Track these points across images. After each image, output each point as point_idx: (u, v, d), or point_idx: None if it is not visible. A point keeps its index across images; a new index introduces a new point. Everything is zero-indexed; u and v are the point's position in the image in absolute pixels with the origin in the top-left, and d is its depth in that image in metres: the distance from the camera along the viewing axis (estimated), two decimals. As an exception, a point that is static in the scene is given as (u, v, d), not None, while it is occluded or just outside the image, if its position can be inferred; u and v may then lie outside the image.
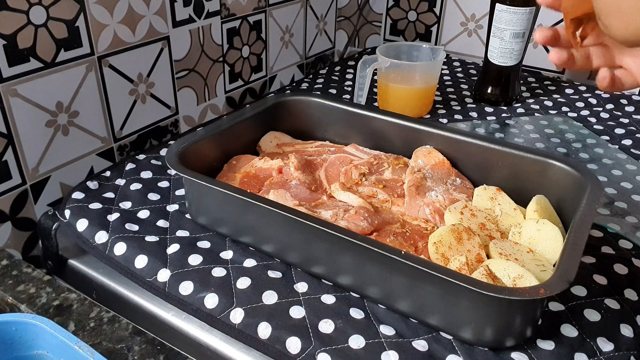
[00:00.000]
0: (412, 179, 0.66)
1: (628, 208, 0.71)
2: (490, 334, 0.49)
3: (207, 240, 0.62)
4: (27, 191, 0.72)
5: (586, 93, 1.06)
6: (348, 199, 0.65)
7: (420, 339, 0.50)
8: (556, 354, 0.49)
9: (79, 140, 0.77)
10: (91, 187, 0.70)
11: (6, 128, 0.67)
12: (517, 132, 0.91)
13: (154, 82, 0.86)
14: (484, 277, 0.50)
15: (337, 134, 0.79)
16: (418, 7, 1.25)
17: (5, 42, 0.64)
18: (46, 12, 0.68)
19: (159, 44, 0.84)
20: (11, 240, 0.72)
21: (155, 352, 0.45)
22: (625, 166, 0.81)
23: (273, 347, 0.50)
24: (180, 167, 0.60)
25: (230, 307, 0.53)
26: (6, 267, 0.54)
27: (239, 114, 0.74)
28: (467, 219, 0.59)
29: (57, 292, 0.51)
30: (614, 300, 0.55)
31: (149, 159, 0.77)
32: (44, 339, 0.42)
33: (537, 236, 0.56)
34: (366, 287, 0.54)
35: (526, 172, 0.65)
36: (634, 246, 0.63)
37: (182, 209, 0.67)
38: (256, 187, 0.67)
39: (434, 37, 1.26)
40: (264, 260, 0.59)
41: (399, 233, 0.59)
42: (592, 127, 0.93)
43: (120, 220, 0.63)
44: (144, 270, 0.58)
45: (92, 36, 0.74)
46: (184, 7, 0.87)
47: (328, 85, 1.08)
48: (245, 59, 1.04)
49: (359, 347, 0.49)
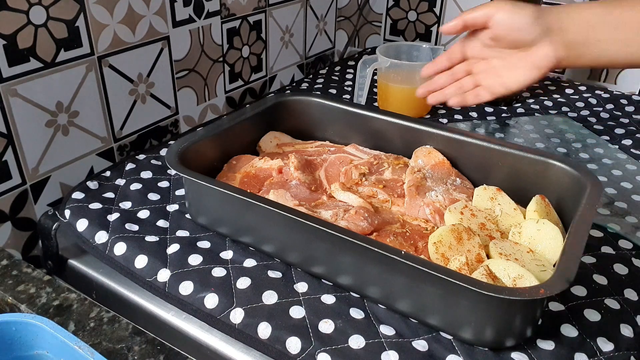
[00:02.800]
0: (412, 179, 0.66)
1: (628, 208, 0.71)
2: (490, 334, 0.49)
3: (207, 240, 0.62)
4: (27, 191, 0.72)
5: (586, 93, 1.06)
6: (348, 199, 0.65)
7: (420, 339, 0.50)
8: (556, 354, 0.49)
9: (79, 140, 0.77)
10: (91, 187, 0.70)
11: (6, 128, 0.67)
12: (517, 132, 0.91)
13: (154, 82, 0.86)
14: (484, 277, 0.50)
15: (337, 134, 0.79)
16: (418, 7, 1.25)
17: (5, 42, 0.64)
18: (46, 12, 0.68)
19: (159, 44, 0.84)
20: (11, 240, 0.72)
21: (155, 352, 0.45)
22: (625, 166, 0.81)
23: (273, 347, 0.50)
24: (180, 167, 0.60)
25: (230, 307, 0.53)
26: (6, 267, 0.54)
27: (239, 114, 0.74)
28: (467, 219, 0.59)
29: (57, 292, 0.51)
30: (614, 300, 0.55)
31: (149, 159, 0.77)
32: (44, 339, 0.42)
33: (537, 236, 0.56)
34: (366, 287, 0.54)
35: (526, 172, 0.65)
36: (634, 246, 0.63)
37: (182, 209, 0.67)
38: (256, 187, 0.67)
39: (434, 37, 1.26)
40: (264, 260, 0.59)
41: (399, 233, 0.59)
42: (592, 127, 0.93)
43: (120, 220, 0.63)
44: (144, 270, 0.58)
45: (92, 36, 0.74)
46: (184, 7, 0.87)
47: (328, 85, 1.08)
48: (245, 59, 1.04)
49: (359, 347, 0.49)
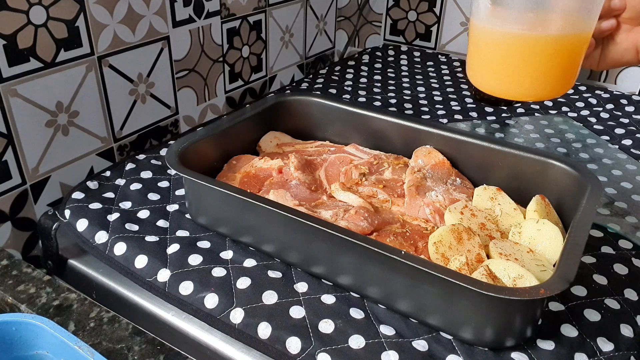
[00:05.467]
0: (412, 179, 0.66)
1: (628, 208, 0.71)
2: (490, 334, 0.49)
3: (207, 240, 0.62)
4: (27, 191, 0.72)
5: (586, 93, 1.06)
6: (348, 199, 0.65)
7: (420, 339, 0.50)
8: (556, 354, 0.49)
9: (79, 140, 0.77)
10: (91, 187, 0.70)
11: (6, 128, 0.67)
12: (517, 132, 0.91)
13: (154, 82, 0.86)
14: (484, 277, 0.50)
15: (337, 134, 0.79)
16: (418, 7, 1.25)
17: (5, 42, 0.64)
18: (46, 12, 0.68)
19: (159, 44, 0.84)
20: (11, 240, 0.72)
21: (155, 352, 0.45)
22: (625, 166, 0.81)
23: (273, 347, 0.50)
24: (180, 167, 0.60)
25: (230, 307, 0.53)
26: (6, 267, 0.54)
27: (239, 114, 0.74)
28: (467, 219, 0.59)
29: (57, 292, 0.51)
30: (614, 300, 0.55)
31: (149, 159, 0.77)
32: (44, 339, 0.42)
33: (537, 236, 0.56)
34: (366, 287, 0.54)
35: (526, 172, 0.65)
36: (634, 246, 0.63)
37: (182, 209, 0.67)
38: (256, 187, 0.67)
39: (434, 37, 1.26)
40: (264, 260, 0.59)
41: (399, 233, 0.59)
42: (592, 127, 0.93)
43: (120, 220, 0.63)
44: (144, 270, 0.58)
45: (92, 36, 0.74)
46: (184, 7, 0.87)
47: (328, 85, 1.08)
48: (245, 59, 1.04)
49: (359, 347, 0.49)
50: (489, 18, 0.46)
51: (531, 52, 0.45)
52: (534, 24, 0.44)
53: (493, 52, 0.47)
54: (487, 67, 0.48)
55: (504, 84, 0.47)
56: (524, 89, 0.47)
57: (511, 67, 0.46)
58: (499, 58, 0.46)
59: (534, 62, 0.45)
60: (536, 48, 0.45)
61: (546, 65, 0.45)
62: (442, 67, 1.18)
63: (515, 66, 0.46)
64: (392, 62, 1.21)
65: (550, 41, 0.45)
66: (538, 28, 0.45)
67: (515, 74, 0.46)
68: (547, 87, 0.47)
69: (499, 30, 0.45)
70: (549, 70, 0.46)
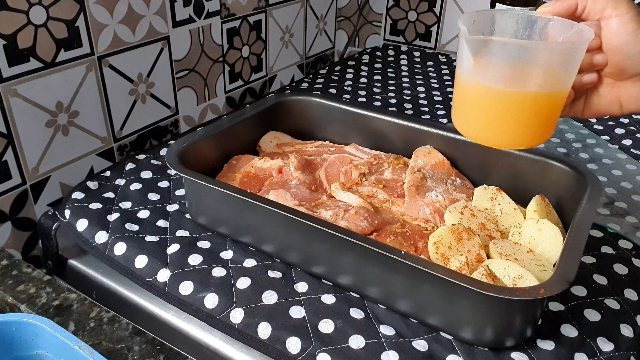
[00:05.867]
0: (412, 179, 0.66)
1: (628, 208, 0.71)
2: (490, 334, 0.49)
3: (207, 240, 0.62)
4: (27, 191, 0.72)
5: (586, 93, 1.06)
6: (348, 199, 0.65)
7: (420, 339, 0.50)
8: (556, 354, 0.49)
9: (79, 140, 0.77)
10: (91, 187, 0.70)
11: (6, 128, 0.67)
12: (517, 132, 0.91)
13: (154, 82, 0.86)
14: (484, 277, 0.50)
15: (337, 134, 0.79)
16: (418, 7, 1.25)
17: (5, 42, 0.64)
18: (46, 12, 0.68)
19: (159, 44, 0.84)
20: (11, 240, 0.72)
21: (155, 352, 0.45)
22: (625, 166, 0.81)
23: (273, 347, 0.50)
24: (180, 167, 0.60)
25: (230, 307, 0.53)
26: (6, 267, 0.54)
27: (239, 114, 0.74)
28: (467, 219, 0.59)
29: (57, 292, 0.51)
30: (614, 300, 0.55)
31: (149, 159, 0.77)
32: (44, 339, 0.42)
33: (537, 236, 0.56)
34: (366, 287, 0.54)
35: (526, 172, 0.65)
36: (634, 246, 0.63)
37: (182, 209, 0.67)
38: (256, 187, 0.67)
39: (434, 37, 1.26)
40: (264, 260, 0.59)
41: (399, 233, 0.59)
42: (592, 127, 0.93)
43: (120, 220, 0.63)
44: (144, 270, 0.58)
45: (92, 36, 0.74)
46: (184, 7, 0.87)
47: (328, 85, 1.08)
48: (245, 59, 1.04)
49: (359, 347, 0.49)
50: (471, 72, 0.48)
51: (510, 107, 0.47)
52: (513, 80, 0.47)
53: (475, 103, 0.49)
54: (470, 117, 0.50)
55: (484, 133, 0.50)
56: (504, 139, 0.50)
57: (491, 119, 0.49)
58: (480, 110, 0.49)
59: (512, 116, 0.47)
60: (515, 103, 0.47)
61: (524, 119, 0.48)
62: (442, 67, 1.18)
63: (494, 118, 0.48)
64: (392, 62, 1.21)
65: (529, 97, 0.47)
66: (517, 85, 0.47)
67: (495, 125, 0.49)
68: (526, 138, 0.49)
69: (481, 85, 0.48)
70: (527, 123, 0.48)
